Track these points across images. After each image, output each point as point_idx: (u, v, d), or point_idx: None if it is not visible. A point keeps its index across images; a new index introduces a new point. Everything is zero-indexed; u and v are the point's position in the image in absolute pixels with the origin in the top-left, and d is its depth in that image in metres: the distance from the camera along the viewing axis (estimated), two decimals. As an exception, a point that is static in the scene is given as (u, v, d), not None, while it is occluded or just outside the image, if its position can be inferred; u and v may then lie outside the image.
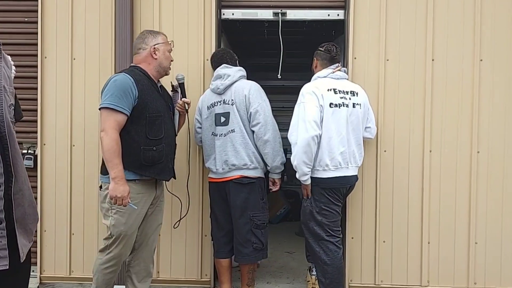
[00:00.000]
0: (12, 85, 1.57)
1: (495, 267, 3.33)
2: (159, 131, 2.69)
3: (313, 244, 2.96)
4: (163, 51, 2.79)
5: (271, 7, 3.49)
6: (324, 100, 2.84)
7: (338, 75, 2.99)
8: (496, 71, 3.30)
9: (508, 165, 3.31)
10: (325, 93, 2.85)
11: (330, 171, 2.87)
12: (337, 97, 2.88)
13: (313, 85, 2.92)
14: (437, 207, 3.34)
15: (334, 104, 2.86)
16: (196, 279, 3.47)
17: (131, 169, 2.63)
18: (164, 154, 2.72)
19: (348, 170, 2.93)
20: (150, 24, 3.38)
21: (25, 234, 1.53)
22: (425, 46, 3.32)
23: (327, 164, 2.85)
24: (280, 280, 3.78)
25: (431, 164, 3.33)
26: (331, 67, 3.01)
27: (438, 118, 3.32)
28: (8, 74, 1.55)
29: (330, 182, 2.89)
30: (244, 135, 2.99)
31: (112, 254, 2.68)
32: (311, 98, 2.84)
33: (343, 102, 2.89)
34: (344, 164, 2.89)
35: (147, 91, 2.66)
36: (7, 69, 1.55)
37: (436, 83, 3.32)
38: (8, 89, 1.51)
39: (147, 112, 2.63)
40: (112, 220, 2.65)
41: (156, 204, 2.87)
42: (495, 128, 3.31)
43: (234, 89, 3.02)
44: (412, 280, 3.36)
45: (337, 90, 2.90)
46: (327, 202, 2.91)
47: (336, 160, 2.86)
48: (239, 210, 3.01)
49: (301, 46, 6.04)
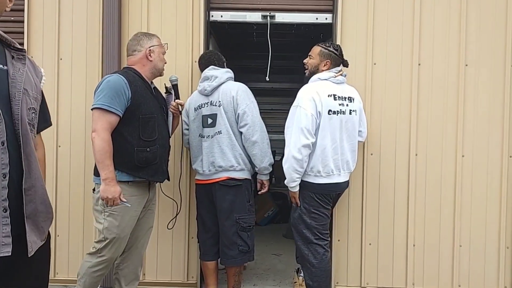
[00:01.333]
0: (38, 93, 1.66)
1: (479, 270, 3.37)
2: (152, 132, 2.68)
3: (302, 246, 2.95)
4: (158, 53, 2.79)
5: (260, 10, 3.49)
6: (323, 107, 2.76)
7: (339, 79, 2.91)
8: (481, 76, 3.35)
9: (492, 169, 3.35)
10: (325, 99, 2.78)
11: (322, 177, 2.84)
12: (336, 104, 2.81)
13: (314, 89, 2.82)
14: (422, 210, 3.37)
15: (332, 111, 2.79)
16: (182, 281, 3.46)
17: (125, 170, 2.62)
18: (158, 155, 2.70)
19: (340, 177, 2.90)
20: (138, 25, 3.36)
21: (36, 231, 1.58)
22: (411, 51, 3.35)
23: (319, 171, 2.82)
24: (266, 282, 3.78)
25: (416, 167, 3.36)
26: (333, 70, 2.92)
27: (423, 122, 3.36)
28: (35, 81, 1.65)
29: (320, 188, 2.86)
30: (231, 136, 2.99)
31: (103, 257, 2.66)
32: (309, 104, 2.75)
33: (341, 109, 2.83)
34: (337, 171, 2.86)
35: (140, 92, 2.65)
36: (34, 77, 1.66)
37: (422, 87, 3.35)
38: (32, 94, 1.60)
39: (140, 113, 2.62)
40: (105, 223, 2.63)
41: (148, 207, 2.85)
42: (480, 133, 3.35)
43: (221, 91, 3.02)
44: (397, 283, 3.39)
45: (337, 96, 2.83)
46: (316, 206, 2.90)
47: (328, 167, 2.83)
48: (225, 212, 3.01)
49: (289, 48, 6.06)
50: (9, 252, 1.45)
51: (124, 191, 2.60)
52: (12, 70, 1.55)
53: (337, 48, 2.94)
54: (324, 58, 2.92)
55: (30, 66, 1.66)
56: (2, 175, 1.45)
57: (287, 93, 7.23)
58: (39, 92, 1.68)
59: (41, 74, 1.74)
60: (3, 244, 1.44)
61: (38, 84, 1.68)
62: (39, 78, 1.71)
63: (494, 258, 3.37)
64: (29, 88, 1.59)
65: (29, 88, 1.59)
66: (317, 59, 2.95)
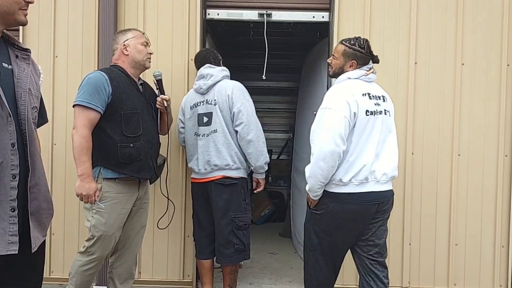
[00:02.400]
0: (39, 91, 1.69)
1: (475, 268, 3.38)
2: (136, 128, 2.66)
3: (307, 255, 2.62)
4: (134, 45, 2.75)
5: (256, 8, 3.49)
6: (359, 107, 2.36)
7: (370, 77, 2.54)
8: (477, 75, 3.35)
9: (487, 168, 3.36)
10: (360, 99, 2.39)
11: (354, 185, 2.38)
12: (372, 103, 2.43)
13: (347, 89, 2.42)
14: (418, 209, 3.38)
15: (370, 111, 2.40)
16: (178, 280, 3.45)
17: (109, 167, 2.61)
18: (143, 151, 2.68)
19: (380, 185, 2.44)
20: (134, 23, 3.35)
21: (39, 228, 1.63)
22: (408, 50, 3.36)
23: (350, 178, 2.38)
24: (262, 281, 3.78)
25: (413, 166, 3.37)
26: (364, 68, 2.53)
27: (420, 121, 3.36)
28: (36, 80, 1.68)
29: (352, 198, 2.40)
30: (227, 135, 2.98)
31: (93, 256, 2.64)
32: (342, 105, 2.34)
33: (377, 109, 2.44)
34: (373, 178, 2.41)
35: (122, 88, 2.64)
36: (35, 76, 1.68)
37: (419, 86, 3.36)
38: (34, 93, 1.63)
39: (122, 109, 2.61)
40: (92, 221, 2.62)
41: (139, 206, 2.83)
42: (476, 132, 3.36)
43: (217, 89, 3.01)
44: (393, 282, 3.38)
45: (371, 95, 2.46)
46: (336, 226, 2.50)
47: (362, 175, 2.38)
48: (221, 211, 3.00)
49: (286, 47, 6.06)
50: (16, 250, 1.50)
51: (111, 188, 2.60)
52: (17, 70, 1.57)
53: (363, 46, 2.53)
54: (349, 59, 2.53)
55: (31, 65, 1.67)
56: (11, 176, 1.49)
57: (284, 92, 7.25)
58: (39, 90, 1.71)
59: (39, 72, 1.77)
60: (9, 243, 1.49)
61: (38, 82, 1.70)
62: (38, 76, 1.74)
63: (489, 257, 3.38)
64: (32, 87, 1.61)
65: (32, 88, 1.61)
66: (341, 60, 2.55)
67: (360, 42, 2.53)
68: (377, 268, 2.51)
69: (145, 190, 2.87)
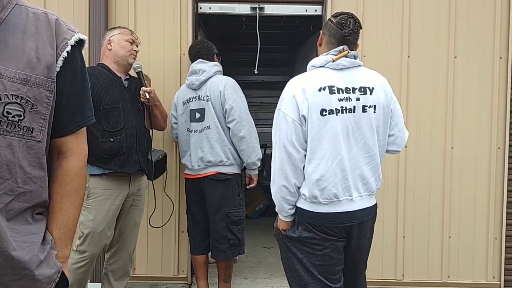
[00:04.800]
0: (40, 73, 1.47)
1: (468, 261, 3.40)
2: (117, 122, 2.64)
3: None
4: (118, 41, 2.74)
5: (249, 2, 3.46)
6: (310, 107, 1.91)
7: (342, 64, 1.97)
8: (469, 68, 3.35)
9: (480, 161, 3.37)
10: (312, 96, 1.91)
11: (322, 205, 1.96)
12: (334, 98, 1.93)
13: (298, 83, 1.99)
14: (412, 202, 3.39)
15: (328, 110, 1.92)
16: (173, 275, 3.45)
17: (94, 163, 2.60)
18: (125, 145, 2.65)
19: (353, 203, 1.98)
20: (125, 18, 3.32)
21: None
22: (401, 43, 3.35)
23: (315, 196, 1.95)
24: (257, 275, 3.79)
25: (406, 159, 3.37)
26: (332, 51, 1.99)
27: (413, 114, 3.36)
28: (39, 53, 1.44)
29: (321, 218, 1.98)
30: (220, 131, 2.96)
31: (84, 253, 2.63)
32: (290, 105, 1.94)
33: (344, 107, 1.94)
34: (345, 195, 1.96)
35: (101, 84, 2.63)
36: (31, 46, 1.41)
37: (412, 79, 3.36)
38: (10, 75, 1.42)
39: (101, 104, 2.59)
40: (81, 217, 2.60)
41: (132, 203, 2.82)
42: (469, 124, 3.36)
43: (209, 85, 2.98)
44: (387, 274, 3.41)
45: (335, 88, 1.94)
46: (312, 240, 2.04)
47: (330, 191, 1.94)
48: (215, 206, 2.99)
49: (279, 41, 6.04)
50: None
51: (98, 185, 2.59)
52: None
53: (344, 22, 1.98)
54: (325, 33, 2.05)
55: (30, 29, 1.11)
56: None
57: (277, 86, 7.22)
58: (43, 73, 1.11)
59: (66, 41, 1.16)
60: None
61: (44, 58, 1.12)
62: (54, 50, 1.14)
63: (483, 249, 3.40)
64: (6, 65, 1.06)
65: (4, 65, 1.06)
66: (320, 36, 2.10)
67: (340, 14, 2.04)
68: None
69: (138, 186, 2.84)
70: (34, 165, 1.10)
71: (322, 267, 2.02)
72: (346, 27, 1.98)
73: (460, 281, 3.40)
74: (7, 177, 1.06)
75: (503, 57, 3.34)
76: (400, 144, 2.15)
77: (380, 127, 2.03)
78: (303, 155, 1.96)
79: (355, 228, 2.03)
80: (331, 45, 2.02)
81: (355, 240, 2.07)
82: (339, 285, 2.08)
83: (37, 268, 1.08)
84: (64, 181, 1.18)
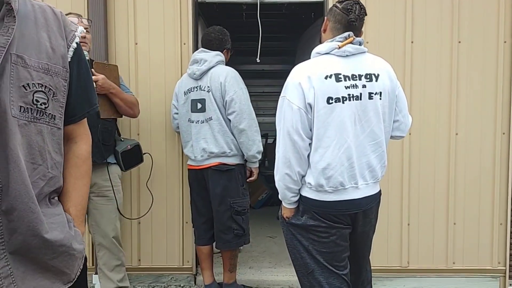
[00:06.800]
0: (57, 63, 1.49)
1: (473, 247, 3.39)
2: None
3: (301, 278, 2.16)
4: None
5: (249, -11, 3.43)
6: (317, 96, 1.89)
7: (348, 50, 1.96)
8: (474, 53, 3.31)
9: (485, 147, 3.35)
10: (319, 84, 1.90)
11: (327, 193, 1.96)
12: (341, 86, 1.91)
13: (304, 70, 1.95)
14: (416, 189, 3.37)
15: (334, 98, 1.90)
16: (178, 266, 3.45)
17: None
18: None
19: (359, 191, 1.99)
20: (124, 8, 3.28)
21: (40, 274, 1.14)
22: (404, 29, 3.31)
23: (321, 185, 1.95)
24: (262, 264, 3.79)
25: (410, 146, 3.35)
26: (338, 38, 1.97)
27: (417, 100, 3.33)
28: (53, 45, 1.46)
29: (326, 206, 1.99)
30: (222, 122, 2.93)
31: None
32: (295, 93, 1.92)
33: (351, 94, 1.92)
34: (351, 183, 1.97)
35: None
36: (45, 38, 1.44)
37: (415, 65, 3.32)
38: (33, 64, 1.43)
39: None
40: None
41: (100, 194, 2.75)
42: (473, 110, 3.33)
43: (210, 76, 2.94)
44: (392, 262, 3.40)
45: (342, 75, 1.92)
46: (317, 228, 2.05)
47: (336, 180, 1.94)
48: (218, 197, 2.97)
49: (280, 29, 5.99)
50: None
51: None
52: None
53: (350, 8, 1.96)
54: (330, 19, 2.03)
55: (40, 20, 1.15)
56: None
57: (278, 75, 7.19)
58: (59, 62, 1.17)
59: (73, 33, 1.23)
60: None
61: (58, 49, 1.17)
62: (64, 40, 1.20)
63: (487, 235, 3.39)
64: (28, 54, 1.10)
65: (28, 55, 1.10)
66: (324, 22, 2.08)
67: (349, 4, 1.99)
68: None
69: (104, 177, 2.75)
70: (57, 151, 1.18)
71: (328, 254, 2.03)
72: (352, 13, 1.96)
73: (465, 267, 3.39)
74: (40, 162, 1.12)
75: (508, 42, 3.29)
76: (404, 130, 2.16)
77: (386, 114, 2.03)
78: (308, 143, 1.96)
79: (361, 215, 2.04)
80: (336, 31, 2.00)
81: (361, 227, 2.08)
82: (345, 272, 2.09)
83: (71, 244, 1.18)
84: (76, 164, 1.27)
